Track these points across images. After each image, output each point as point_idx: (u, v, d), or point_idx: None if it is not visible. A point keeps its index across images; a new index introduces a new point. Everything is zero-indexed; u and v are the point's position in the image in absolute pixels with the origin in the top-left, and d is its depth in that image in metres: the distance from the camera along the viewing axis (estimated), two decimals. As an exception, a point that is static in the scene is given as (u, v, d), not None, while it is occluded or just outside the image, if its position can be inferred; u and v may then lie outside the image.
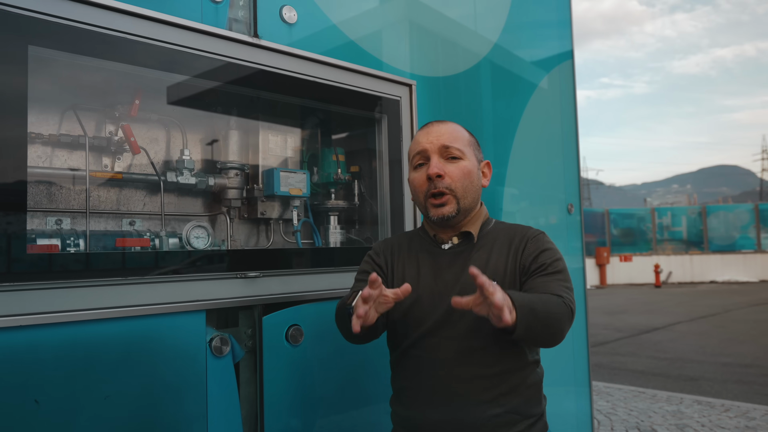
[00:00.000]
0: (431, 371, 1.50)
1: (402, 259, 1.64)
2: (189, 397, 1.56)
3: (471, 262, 1.53)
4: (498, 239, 1.59)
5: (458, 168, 1.55)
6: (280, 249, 2.04)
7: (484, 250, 1.57)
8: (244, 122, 2.07)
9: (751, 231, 21.02)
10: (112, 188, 1.77)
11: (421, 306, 1.54)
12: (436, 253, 1.60)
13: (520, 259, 1.54)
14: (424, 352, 1.52)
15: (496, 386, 1.47)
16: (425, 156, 1.56)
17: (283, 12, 1.87)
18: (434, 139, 1.56)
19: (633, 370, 6.57)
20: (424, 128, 1.62)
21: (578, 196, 3.32)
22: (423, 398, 1.52)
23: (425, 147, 1.56)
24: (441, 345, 1.50)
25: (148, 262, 1.56)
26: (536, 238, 1.57)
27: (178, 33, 1.61)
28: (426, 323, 1.52)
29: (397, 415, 1.61)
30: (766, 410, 4.79)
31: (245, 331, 1.77)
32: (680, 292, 16.52)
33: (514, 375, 1.49)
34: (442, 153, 1.55)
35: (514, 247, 1.56)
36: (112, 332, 1.43)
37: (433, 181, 1.53)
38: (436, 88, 2.41)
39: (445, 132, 1.58)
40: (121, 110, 1.77)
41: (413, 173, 1.60)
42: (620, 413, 4.80)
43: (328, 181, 2.24)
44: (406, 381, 1.57)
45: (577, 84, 3.45)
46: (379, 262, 1.66)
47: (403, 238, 1.71)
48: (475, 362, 1.47)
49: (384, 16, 2.28)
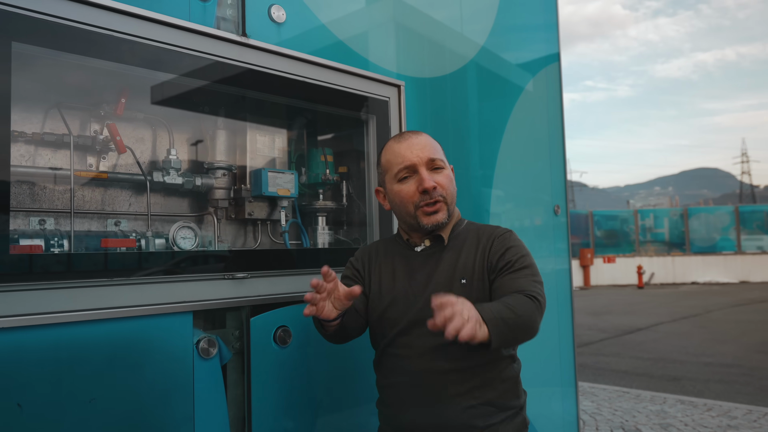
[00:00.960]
0: (407, 368, 1.56)
1: (379, 264, 1.70)
2: (176, 399, 1.54)
3: (442, 262, 1.61)
4: (468, 239, 1.65)
5: (445, 177, 1.63)
6: (268, 250, 2.03)
7: (454, 250, 1.63)
8: (232, 122, 2.05)
9: (732, 233, 21.34)
10: (97, 188, 1.75)
11: (396, 306, 1.60)
12: (409, 255, 1.67)
13: (487, 257, 1.59)
14: (400, 350, 1.58)
15: (469, 379, 1.52)
16: (413, 170, 1.60)
17: (272, 11, 1.85)
18: (419, 152, 1.61)
19: (617, 371, 6.62)
20: (401, 141, 1.64)
21: (564, 198, 3.34)
22: (401, 395, 1.58)
23: (413, 161, 1.60)
24: (415, 342, 1.56)
25: (133, 263, 1.54)
26: (502, 237, 1.62)
27: (165, 31, 1.59)
28: (401, 322, 1.58)
29: (381, 414, 1.67)
30: (748, 409, 4.85)
31: (233, 332, 1.75)
32: (662, 293, 16.71)
33: (488, 368, 1.54)
34: (428, 165, 1.61)
35: (482, 245, 1.62)
36: (97, 334, 1.41)
37: (429, 193, 1.58)
38: (422, 89, 2.41)
39: (426, 144, 1.63)
40: (107, 109, 1.75)
41: (399, 185, 1.62)
42: (605, 413, 4.84)
43: (317, 182, 2.23)
44: (386, 379, 1.63)
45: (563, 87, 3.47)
46: (357, 266, 1.73)
47: (381, 244, 1.78)
48: (449, 357, 1.52)
49: (371, 17, 2.27)
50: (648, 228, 22.89)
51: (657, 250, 22.11)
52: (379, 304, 1.63)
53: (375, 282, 1.68)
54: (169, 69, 1.66)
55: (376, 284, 1.68)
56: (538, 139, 3.20)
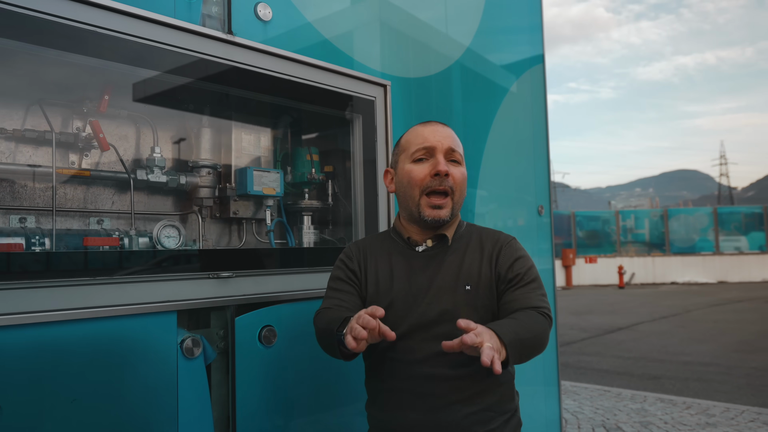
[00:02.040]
0: (407, 374, 1.51)
1: (375, 262, 1.63)
2: (159, 399, 1.53)
3: (445, 265, 1.56)
4: (471, 243, 1.61)
5: (459, 172, 1.58)
6: (253, 249, 2.01)
7: (458, 253, 1.59)
8: (217, 120, 2.03)
9: (710, 234, 21.69)
10: (80, 186, 1.72)
11: (395, 309, 1.54)
12: (409, 255, 1.61)
13: (495, 266, 1.56)
14: (399, 354, 1.53)
15: (470, 386, 1.49)
16: (431, 152, 1.56)
17: (258, 9, 1.84)
18: (442, 138, 1.57)
19: (598, 370, 6.69)
20: (427, 125, 1.61)
21: (548, 199, 3.37)
22: (400, 400, 1.53)
23: (434, 144, 1.56)
24: (415, 348, 1.51)
25: (116, 262, 1.52)
26: (509, 245, 1.61)
27: (149, 28, 1.57)
28: (401, 326, 1.52)
29: (373, 419, 1.61)
30: (725, 407, 4.94)
31: (217, 332, 1.74)
32: (643, 292, 16.92)
33: (488, 374, 1.50)
34: (447, 154, 1.57)
35: (487, 252, 1.59)
36: (79, 334, 1.39)
37: (439, 178, 1.53)
38: (407, 90, 2.42)
39: (450, 135, 1.60)
40: (90, 106, 1.73)
41: (412, 165, 1.57)
42: (587, 412, 4.89)
43: (302, 181, 2.22)
44: (383, 384, 1.57)
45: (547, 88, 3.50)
46: (352, 266, 1.65)
47: (375, 240, 1.71)
48: (450, 363, 1.49)
49: (357, 16, 2.27)
50: (629, 229, 23.17)
51: (637, 250, 22.39)
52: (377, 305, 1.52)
53: (372, 283, 1.61)
54: (154, 66, 1.65)
55: (372, 285, 1.61)
56: (523, 140, 3.22)
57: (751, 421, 4.51)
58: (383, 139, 2.20)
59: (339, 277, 1.65)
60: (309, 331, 1.87)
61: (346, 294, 1.61)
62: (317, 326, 1.57)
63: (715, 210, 22.40)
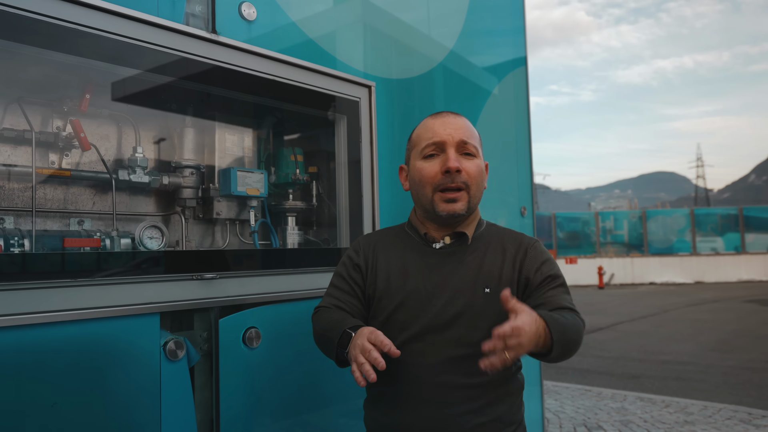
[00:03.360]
0: (415, 377, 1.43)
1: (386, 257, 1.54)
2: (142, 402, 1.51)
3: (463, 265, 1.48)
4: (492, 243, 1.53)
5: (474, 165, 1.50)
6: (237, 250, 2.00)
7: (478, 252, 1.51)
8: (200, 120, 2.01)
9: (687, 235, 22.06)
10: (60, 186, 1.69)
11: (407, 307, 1.46)
12: (425, 252, 1.52)
13: (520, 268, 1.49)
14: (408, 357, 1.42)
15: (482, 395, 1.43)
16: (441, 147, 1.49)
17: (242, 8, 1.83)
18: (452, 131, 1.49)
19: (579, 369, 6.76)
20: (438, 117, 1.54)
21: (530, 200, 3.39)
22: (404, 404, 1.45)
23: (444, 139, 1.48)
24: (427, 351, 1.43)
25: (98, 264, 1.50)
26: (534, 247, 1.53)
27: (132, 26, 1.55)
28: (412, 327, 1.45)
29: (373, 420, 1.53)
30: (703, 405, 5.02)
31: (201, 334, 1.72)
32: (622, 293, 17.14)
33: (500, 384, 1.46)
34: (459, 148, 1.49)
35: (510, 254, 1.51)
36: (59, 337, 1.37)
37: (451, 175, 1.46)
38: (391, 91, 2.42)
39: (462, 126, 1.52)
40: (70, 105, 1.70)
41: (423, 162, 1.50)
42: (568, 411, 4.93)
43: (286, 182, 2.21)
44: (387, 385, 1.46)
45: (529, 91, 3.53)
46: (358, 261, 1.57)
47: (388, 234, 1.62)
48: (463, 371, 1.41)
49: (341, 16, 2.27)
50: (608, 230, 23.47)
51: (617, 251, 22.69)
52: (387, 304, 1.47)
53: (382, 279, 1.52)
54: (136, 65, 1.63)
55: (383, 281, 1.51)
56: (506, 143, 3.24)
57: (728, 418, 4.59)
58: (368, 140, 2.20)
59: (341, 275, 1.58)
60: (294, 332, 1.87)
61: (345, 294, 1.55)
62: (315, 328, 1.53)
63: (692, 211, 22.79)
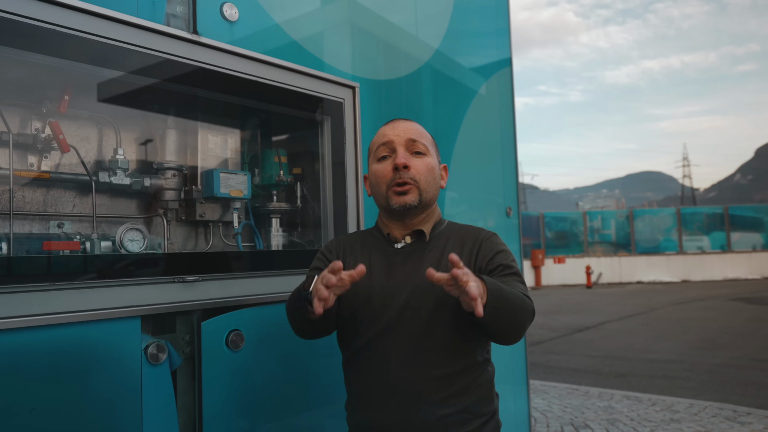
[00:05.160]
0: (382, 373, 1.49)
1: (354, 258, 1.61)
2: (123, 407, 1.49)
3: (424, 262, 1.53)
4: (451, 239, 1.60)
5: (423, 162, 1.57)
6: (220, 252, 1.99)
7: (437, 249, 1.57)
8: (183, 121, 2.00)
9: (674, 234, 22.26)
10: (39, 188, 1.67)
11: (371, 305, 1.52)
12: (388, 252, 1.59)
13: (475, 260, 1.55)
14: (374, 354, 1.51)
15: (446, 387, 1.47)
16: (391, 148, 1.58)
17: (224, 9, 1.82)
18: (401, 132, 1.59)
19: (567, 368, 6.80)
20: (389, 123, 1.64)
21: (516, 200, 3.40)
22: (374, 400, 1.51)
23: (392, 138, 1.58)
24: (392, 347, 1.49)
25: (77, 267, 1.48)
26: (490, 240, 1.60)
27: (111, 26, 1.53)
28: (377, 324, 1.50)
29: (350, 417, 1.59)
30: (689, 403, 5.07)
31: (183, 337, 1.71)
32: (610, 292, 17.26)
33: (465, 375, 1.50)
34: (408, 146, 1.57)
35: (467, 248, 1.57)
36: (38, 341, 1.35)
37: (399, 172, 1.54)
38: (377, 91, 2.42)
39: (411, 127, 1.61)
40: (49, 106, 1.68)
41: (376, 164, 1.60)
42: (555, 410, 4.95)
43: (270, 183, 2.20)
44: (358, 383, 1.56)
45: (515, 91, 3.54)
46: (331, 258, 1.63)
47: (356, 236, 1.69)
48: (426, 363, 1.47)
49: (326, 17, 2.26)
50: (596, 229, 23.62)
51: (604, 250, 22.84)
52: (353, 301, 1.52)
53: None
54: (117, 66, 1.61)
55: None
56: (491, 143, 3.25)
57: (714, 416, 4.64)
58: (352, 141, 2.20)
59: (317, 267, 1.62)
60: (277, 334, 1.86)
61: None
62: (287, 303, 1.55)
63: (678, 211, 23.00)
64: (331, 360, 1.90)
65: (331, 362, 1.92)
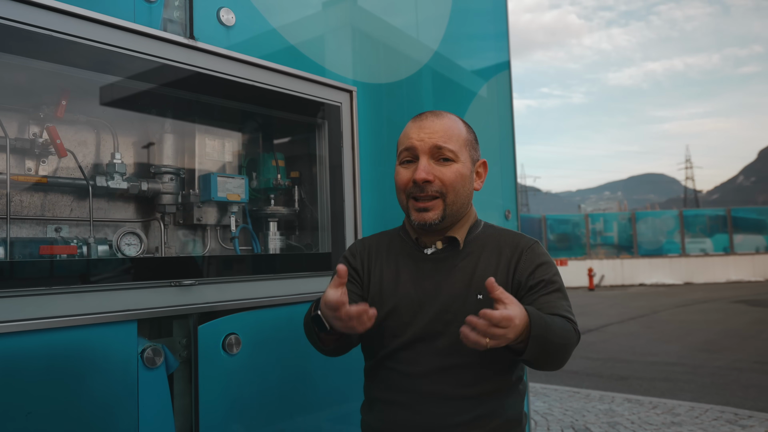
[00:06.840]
0: (406, 387, 1.40)
1: (380, 263, 1.50)
2: (119, 410, 1.50)
3: (457, 271, 1.43)
4: (487, 246, 1.47)
5: (450, 171, 1.41)
6: (217, 256, 1.99)
7: (471, 257, 1.45)
8: (180, 125, 2.01)
9: (676, 236, 22.22)
10: (37, 193, 1.68)
11: (398, 315, 1.42)
12: (417, 257, 1.48)
13: (514, 273, 1.42)
14: (400, 365, 1.41)
15: (476, 407, 1.37)
16: (414, 154, 1.42)
17: (221, 14, 1.83)
18: (426, 136, 1.41)
19: (568, 371, 6.78)
20: (417, 120, 1.47)
21: (515, 203, 3.40)
22: (395, 413, 1.41)
23: (415, 144, 1.42)
24: (419, 359, 1.39)
25: (75, 271, 1.49)
26: (531, 249, 1.45)
27: (108, 32, 1.54)
28: (404, 334, 1.41)
29: (367, 426, 1.51)
30: (690, 406, 5.05)
31: (179, 340, 1.71)
32: (612, 294, 17.22)
33: (496, 396, 1.40)
34: (433, 154, 1.41)
35: (505, 257, 1.44)
36: (35, 345, 1.36)
37: (418, 186, 1.40)
38: (378, 95, 2.42)
39: (439, 129, 1.42)
40: (47, 111, 1.69)
41: (399, 167, 1.47)
42: (556, 413, 4.94)
43: (268, 187, 2.20)
44: (380, 393, 1.46)
45: (518, 93, 3.55)
46: (355, 264, 1.53)
47: (383, 238, 1.57)
48: (454, 381, 1.37)
49: (325, 22, 2.27)
50: (598, 231, 23.59)
51: (607, 252, 22.80)
52: (379, 310, 1.38)
53: (375, 283, 1.48)
54: (114, 71, 1.62)
55: (375, 285, 1.47)
56: (490, 145, 3.25)
57: (715, 419, 4.62)
58: (349, 145, 2.20)
59: None
60: (274, 338, 1.87)
61: None
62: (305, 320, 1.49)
63: (681, 213, 22.96)
64: (327, 364, 1.90)
65: (328, 366, 1.92)
